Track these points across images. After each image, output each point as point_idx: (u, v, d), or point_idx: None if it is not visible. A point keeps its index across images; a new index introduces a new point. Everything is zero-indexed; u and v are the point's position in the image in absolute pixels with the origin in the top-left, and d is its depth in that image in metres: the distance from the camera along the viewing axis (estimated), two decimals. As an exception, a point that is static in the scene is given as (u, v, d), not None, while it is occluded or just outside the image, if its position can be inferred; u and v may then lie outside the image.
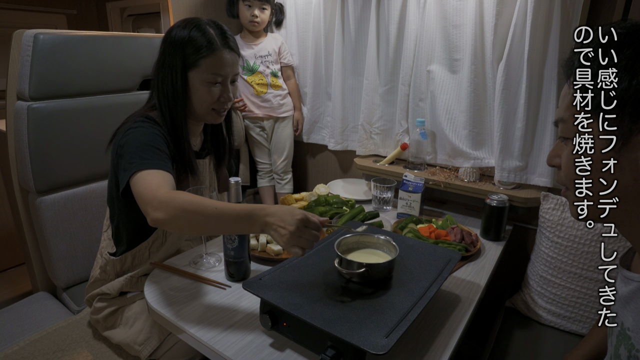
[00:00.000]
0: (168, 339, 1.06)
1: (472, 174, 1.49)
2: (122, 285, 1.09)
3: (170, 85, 1.00)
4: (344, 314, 0.74)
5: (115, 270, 1.12)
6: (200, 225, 0.80)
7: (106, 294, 1.12)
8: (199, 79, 1.00)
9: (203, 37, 0.98)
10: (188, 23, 1.00)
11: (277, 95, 1.87)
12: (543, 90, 1.34)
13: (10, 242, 2.24)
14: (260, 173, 2.02)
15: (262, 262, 1.11)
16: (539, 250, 1.25)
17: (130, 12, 3.53)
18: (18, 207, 1.45)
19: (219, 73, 1.01)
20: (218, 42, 0.99)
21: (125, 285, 1.10)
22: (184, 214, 0.78)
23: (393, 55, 1.62)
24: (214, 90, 1.02)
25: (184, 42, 0.98)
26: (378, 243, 0.94)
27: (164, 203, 0.79)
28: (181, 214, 0.78)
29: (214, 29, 1.01)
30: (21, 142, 1.29)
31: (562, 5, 1.23)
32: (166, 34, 1.01)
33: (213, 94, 1.02)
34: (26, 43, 1.25)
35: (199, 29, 0.99)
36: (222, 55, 1.00)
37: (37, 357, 1.12)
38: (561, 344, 1.16)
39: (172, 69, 0.99)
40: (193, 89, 1.01)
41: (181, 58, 0.98)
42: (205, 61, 0.99)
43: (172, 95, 1.00)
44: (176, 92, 1.00)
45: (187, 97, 1.02)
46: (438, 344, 0.82)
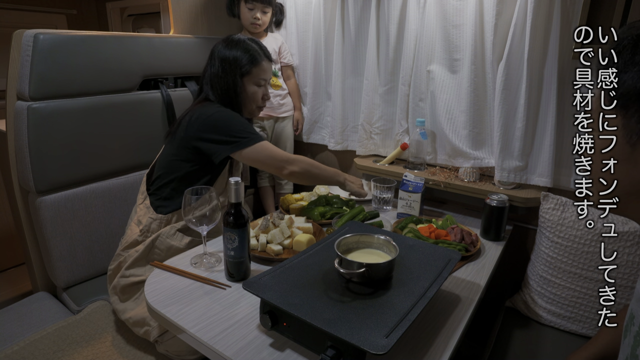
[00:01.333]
0: None
1: (472, 174, 1.49)
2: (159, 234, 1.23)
3: (232, 88, 1.30)
4: (344, 314, 0.74)
5: (160, 228, 1.27)
6: (316, 176, 1.33)
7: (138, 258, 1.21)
8: (250, 83, 1.32)
9: (253, 52, 1.30)
10: (234, 41, 1.31)
11: (277, 95, 1.87)
12: (543, 90, 1.34)
13: (10, 242, 2.24)
14: (260, 173, 2.02)
15: (262, 262, 1.11)
16: (539, 250, 1.25)
17: (130, 12, 3.53)
18: (18, 207, 1.45)
19: (263, 77, 1.34)
20: (261, 54, 1.32)
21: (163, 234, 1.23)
22: (310, 167, 1.31)
23: (393, 55, 1.62)
24: (260, 91, 1.35)
25: (239, 56, 1.29)
26: (378, 243, 0.94)
27: (298, 161, 1.29)
28: (309, 167, 1.30)
29: (255, 44, 1.33)
30: (21, 142, 1.29)
31: (562, 5, 1.23)
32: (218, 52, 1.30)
33: (259, 94, 1.35)
34: (26, 43, 1.25)
35: (245, 44, 1.30)
36: (264, 64, 1.33)
37: (37, 357, 1.12)
38: (561, 344, 1.16)
39: (231, 76, 1.29)
40: (246, 90, 1.32)
41: (239, 67, 1.29)
42: (255, 69, 1.31)
43: (234, 95, 1.31)
44: (237, 92, 1.31)
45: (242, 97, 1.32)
46: (438, 344, 0.82)
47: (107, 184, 1.51)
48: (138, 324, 1.15)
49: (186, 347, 1.09)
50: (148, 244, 1.22)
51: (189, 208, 1.01)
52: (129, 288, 1.21)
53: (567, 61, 1.30)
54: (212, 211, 1.02)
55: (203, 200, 1.01)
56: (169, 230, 1.24)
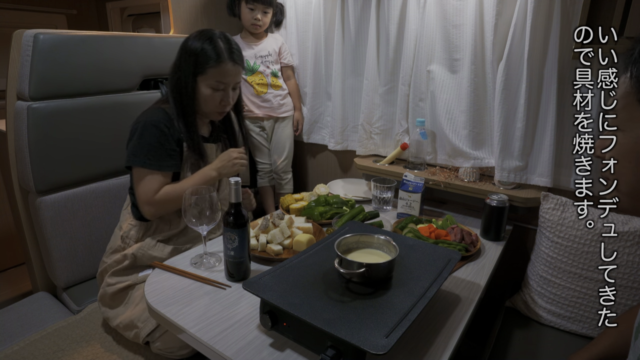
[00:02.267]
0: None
1: (472, 174, 1.49)
2: (139, 247, 1.19)
3: (184, 86, 1.18)
4: (344, 314, 0.74)
5: (138, 235, 1.24)
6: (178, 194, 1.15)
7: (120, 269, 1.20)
8: (205, 84, 1.19)
9: (213, 50, 1.16)
10: (203, 34, 1.18)
11: (277, 95, 1.87)
12: (543, 90, 1.34)
13: (10, 242, 2.24)
14: (260, 173, 2.02)
15: (262, 262, 1.11)
16: (539, 250, 1.25)
17: (130, 12, 3.53)
18: (18, 207, 1.45)
19: (222, 81, 1.19)
20: (225, 55, 1.17)
21: (143, 247, 1.19)
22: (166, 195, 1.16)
23: (393, 55, 1.62)
24: (217, 95, 1.21)
25: (197, 52, 1.16)
26: (378, 243, 0.94)
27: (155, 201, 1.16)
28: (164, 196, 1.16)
29: (224, 42, 1.19)
30: (21, 142, 1.29)
31: (562, 5, 1.23)
32: (184, 42, 1.20)
33: (216, 98, 1.21)
34: (26, 43, 1.25)
35: (211, 41, 1.17)
36: (226, 66, 1.18)
37: (37, 357, 1.12)
38: (561, 344, 1.16)
39: (185, 72, 1.18)
40: (200, 91, 1.20)
41: (193, 64, 1.17)
42: (211, 70, 1.17)
43: (184, 94, 1.19)
44: (187, 91, 1.19)
45: (195, 97, 1.21)
46: (438, 344, 0.82)
47: (107, 184, 1.51)
48: (128, 327, 1.14)
49: (177, 342, 1.09)
50: (130, 258, 1.19)
51: (189, 208, 1.01)
52: (116, 295, 1.19)
53: (567, 61, 1.30)
54: (212, 211, 1.02)
55: (203, 200, 1.01)
56: (150, 242, 1.21)
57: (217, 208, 1.04)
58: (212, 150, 1.31)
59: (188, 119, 1.20)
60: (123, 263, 1.19)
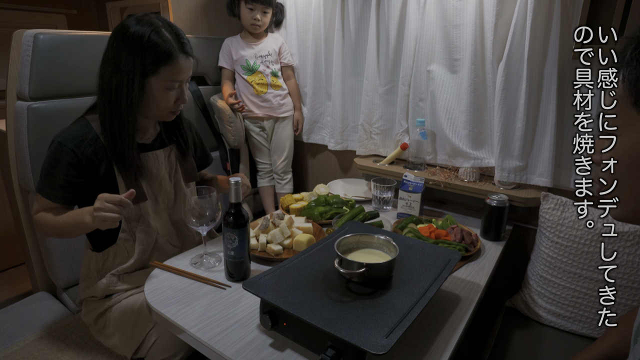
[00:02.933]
0: (150, 334, 1.06)
1: (472, 174, 1.49)
2: (105, 287, 1.10)
3: (126, 90, 0.99)
4: (344, 314, 0.74)
5: (97, 267, 1.13)
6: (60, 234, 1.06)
7: (93, 297, 1.13)
8: (157, 86, 1.02)
9: (163, 44, 0.98)
10: (144, 24, 0.98)
11: (277, 95, 1.87)
12: (543, 90, 1.34)
13: (10, 242, 2.24)
14: (260, 173, 2.02)
15: (262, 262, 1.11)
16: (539, 250, 1.25)
17: (130, 12, 3.52)
18: (18, 207, 1.45)
19: (177, 79, 1.04)
20: (176, 49, 1.01)
21: (108, 287, 1.10)
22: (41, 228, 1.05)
23: (393, 55, 1.62)
24: (171, 94, 1.05)
25: (144, 49, 0.97)
26: (378, 243, 0.94)
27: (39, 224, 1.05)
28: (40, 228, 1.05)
29: (170, 33, 1.01)
30: (21, 142, 1.29)
31: (562, 5, 1.23)
32: (119, 34, 0.99)
33: (170, 98, 1.05)
34: (26, 43, 1.25)
35: (157, 33, 0.98)
36: (179, 62, 1.02)
37: (37, 357, 1.12)
38: (561, 344, 1.16)
39: (129, 74, 0.98)
40: (151, 94, 1.03)
41: (140, 64, 0.98)
42: (164, 69, 1.00)
43: (126, 99, 1.00)
44: (132, 96, 1.00)
45: (141, 101, 1.03)
46: (438, 344, 0.82)
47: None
48: (115, 348, 1.12)
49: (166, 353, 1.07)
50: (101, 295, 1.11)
51: (189, 208, 1.01)
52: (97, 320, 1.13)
53: (567, 61, 1.30)
54: (212, 211, 1.02)
55: (203, 200, 1.01)
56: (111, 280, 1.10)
57: (218, 208, 1.04)
58: (160, 158, 1.14)
59: (125, 130, 1.02)
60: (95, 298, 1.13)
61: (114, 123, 1.02)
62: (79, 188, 1.03)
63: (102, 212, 0.90)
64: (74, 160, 1.00)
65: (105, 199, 0.91)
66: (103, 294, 1.11)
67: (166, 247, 1.19)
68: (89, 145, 1.02)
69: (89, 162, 1.02)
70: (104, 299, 1.13)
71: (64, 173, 1.00)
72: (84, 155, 1.01)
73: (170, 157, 1.18)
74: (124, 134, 1.02)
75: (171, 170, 1.18)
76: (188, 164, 1.23)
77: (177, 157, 1.20)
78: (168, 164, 1.17)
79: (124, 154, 1.03)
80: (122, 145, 1.03)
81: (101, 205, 0.90)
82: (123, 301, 1.11)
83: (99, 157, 1.03)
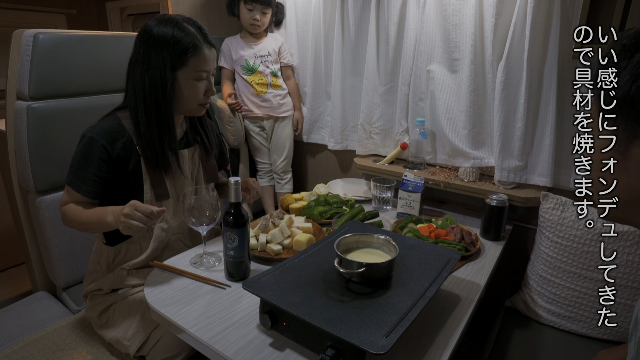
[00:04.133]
0: (154, 333, 1.07)
1: (472, 174, 1.49)
2: (112, 281, 1.12)
3: (161, 85, 1.02)
4: (344, 314, 0.74)
5: (107, 261, 1.15)
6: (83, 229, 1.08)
7: (99, 290, 1.14)
8: (187, 78, 1.05)
9: (187, 37, 1.02)
10: (166, 22, 1.02)
11: (277, 95, 1.87)
12: (543, 90, 1.34)
13: (10, 242, 2.24)
14: (260, 173, 2.02)
15: (262, 262, 1.11)
16: (539, 250, 1.25)
17: (130, 12, 3.53)
18: (18, 207, 1.45)
19: (204, 69, 1.07)
20: (200, 40, 1.04)
21: (116, 281, 1.12)
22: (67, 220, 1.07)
23: (393, 55, 1.62)
24: (201, 86, 1.08)
25: (170, 44, 1.01)
26: (378, 243, 0.94)
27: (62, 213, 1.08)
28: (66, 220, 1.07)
29: (192, 26, 1.05)
30: (21, 142, 1.29)
31: (562, 5, 1.23)
32: (144, 37, 1.03)
33: (200, 90, 1.08)
34: (26, 43, 1.25)
35: (181, 28, 1.02)
36: (205, 52, 1.05)
37: (37, 357, 1.12)
38: (561, 344, 1.16)
39: (160, 70, 1.02)
40: (182, 88, 1.06)
41: (169, 58, 1.01)
42: (192, 60, 1.03)
43: (162, 94, 1.03)
44: (167, 90, 1.03)
45: (174, 95, 1.06)
46: (438, 344, 0.82)
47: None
48: (118, 344, 1.11)
49: (170, 353, 1.07)
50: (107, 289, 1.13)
51: (189, 208, 1.01)
52: (102, 315, 1.14)
53: (567, 61, 1.30)
54: (212, 211, 1.02)
55: (203, 201, 1.01)
56: (121, 275, 1.12)
57: (218, 207, 1.04)
58: (185, 159, 1.16)
59: (166, 126, 1.06)
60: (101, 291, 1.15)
61: (151, 121, 1.04)
62: (108, 183, 1.06)
63: (130, 220, 0.93)
64: (105, 156, 1.03)
65: (137, 207, 0.93)
66: (110, 288, 1.13)
67: (178, 245, 1.21)
68: (119, 141, 1.04)
69: (119, 158, 1.05)
70: (110, 293, 1.14)
71: (96, 168, 1.03)
72: (115, 151, 1.04)
73: (194, 157, 1.20)
74: (164, 132, 1.06)
75: (194, 170, 1.20)
76: (210, 165, 1.25)
77: (200, 157, 1.22)
78: (192, 164, 1.19)
79: (163, 152, 1.06)
80: (162, 144, 1.06)
81: (131, 212, 0.93)
82: (130, 297, 1.12)
83: (129, 153, 1.06)
